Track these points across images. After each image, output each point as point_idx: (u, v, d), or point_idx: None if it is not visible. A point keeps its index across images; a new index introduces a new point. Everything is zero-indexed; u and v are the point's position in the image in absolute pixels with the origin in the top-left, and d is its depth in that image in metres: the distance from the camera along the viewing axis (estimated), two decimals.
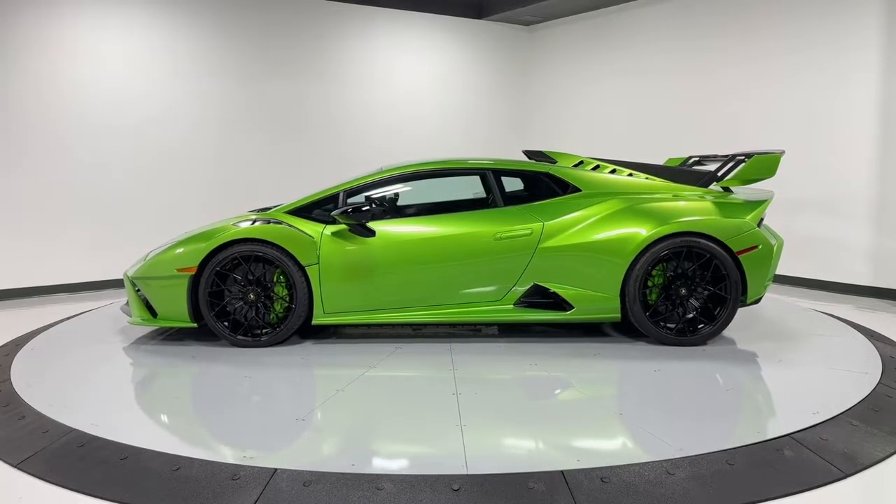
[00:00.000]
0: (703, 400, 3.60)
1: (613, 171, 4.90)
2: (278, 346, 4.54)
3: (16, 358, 4.35)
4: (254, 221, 4.54)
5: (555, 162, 5.08)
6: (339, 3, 8.07)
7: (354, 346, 4.60)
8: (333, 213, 4.50)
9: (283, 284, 4.51)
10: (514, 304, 4.53)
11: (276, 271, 4.49)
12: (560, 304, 4.51)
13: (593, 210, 4.58)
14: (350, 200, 4.76)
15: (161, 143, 7.12)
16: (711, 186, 4.90)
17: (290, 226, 4.49)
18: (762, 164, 4.67)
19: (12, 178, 6.41)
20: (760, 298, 4.59)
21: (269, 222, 4.52)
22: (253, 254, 4.41)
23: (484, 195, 5.59)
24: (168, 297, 4.46)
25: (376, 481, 2.66)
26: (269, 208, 5.23)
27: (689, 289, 4.49)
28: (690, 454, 2.88)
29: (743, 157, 4.82)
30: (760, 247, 4.47)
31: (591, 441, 3.13)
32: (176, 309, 4.46)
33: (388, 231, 4.54)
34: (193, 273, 4.39)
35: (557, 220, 4.55)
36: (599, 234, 4.47)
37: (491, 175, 4.86)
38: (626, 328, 4.96)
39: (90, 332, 4.97)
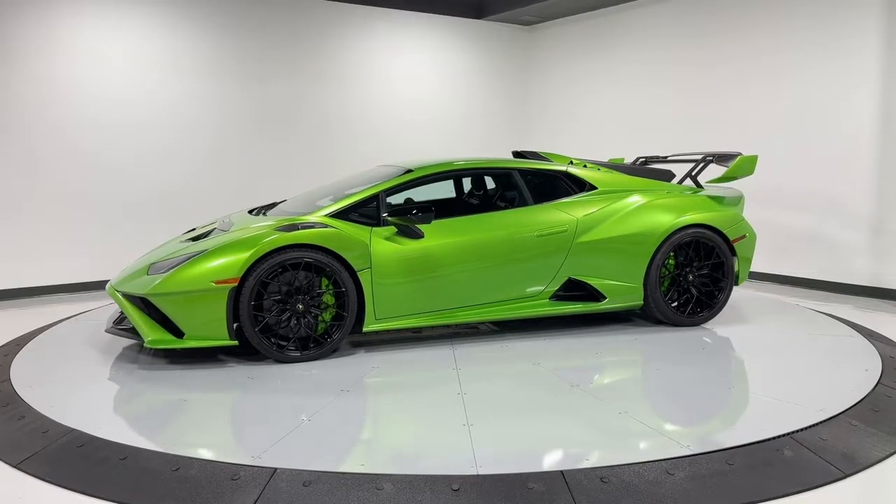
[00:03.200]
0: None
1: (598, 170, 5.23)
2: (328, 358, 4.25)
3: (16, 358, 4.35)
4: (295, 225, 4.20)
5: (551, 162, 5.26)
6: (338, 3, 8.06)
7: (404, 351, 4.46)
8: (389, 215, 4.39)
9: (331, 292, 4.23)
10: (549, 299, 4.74)
11: (323, 278, 4.18)
12: (593, 295, 4.79)
13: (617, 206, 4.90)
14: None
15: (161, 142, 7.12)
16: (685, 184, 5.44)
17: (339, 229, 4.24)
18: (745, 164, 5.21)
19: (12, 178, 6.40)
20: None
21: (312, 226, 4.21)
22: (302, 260, 4.09)
23: (454, 195, 5.75)
24: (202, 313, 3.97)
25: (376, 481, 2.66)
26: (270, 206, 5.24)
27: (695, 275, 4.96)
28: (690, 454, 2.88)
29: (711, 158, 5.43)
30: (747, 235, 5.13)
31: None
32: (212, 326, 3.99)
33: (437, 231, 4.47)
34: (235, 285, 3.97)
35: (588, 216, 4.81)
36: (627, 228, 4.82)
37: (517, 174, 4.96)
38: (624, 313, 5.26)
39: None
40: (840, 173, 6.48)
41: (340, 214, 4.44)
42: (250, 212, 5.15)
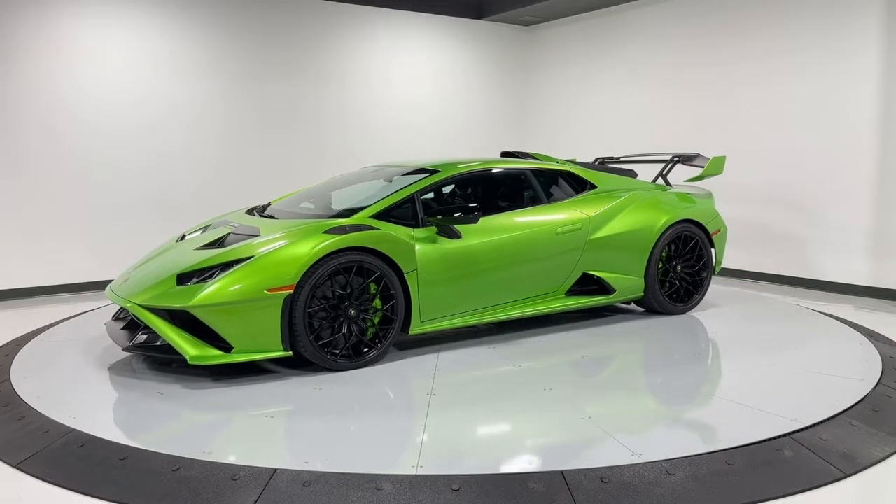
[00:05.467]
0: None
1: (594, 170, 5.44)
2: (378, 364, 4.13)
3: (16, 358, 4.34)
4: (344, 228, 4.05)
5: (542, 161, 5.42)
6: (338, 3, 8.07)
7: (447, 352, 4.41)
8: (432, 215, 4.39)
9: (379, 295, 4.10)
10: (565, 294, 4.93)
11: (371, 282, 4.04)
12: (604, 289, 5.02)
13: (619, 203, 5.14)
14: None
15: (160, 142, 7.11)
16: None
17: (387, 231, 4.14)
18: (715, 164, 5.63)
19: (12, 179, 6.40)
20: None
21: (359, 228, 4.08)
22: (355, 264, 3.97)
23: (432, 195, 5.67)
24: (254, 323, 3.73)
25: (376, 481, 2.66)
26: (267, 205, 5.22)
27: (682, 266, 5.34)
28: (690, 454, 2.88)
29: (678, 159, 5.82)
30: (721, 229, 5.57)
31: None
32: (265, 337, 3.76)
33: (471, 231, 4.46)
34: (291, 292, 3.77)
35: (598, 213, 5.01)
36: (631, 224, 5.08)
37: (531, 174, 5.11)
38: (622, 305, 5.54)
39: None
40: (840, 173, 6.48)
41: (380, 216, 4.32)
42: (248, 212, 5.12)
